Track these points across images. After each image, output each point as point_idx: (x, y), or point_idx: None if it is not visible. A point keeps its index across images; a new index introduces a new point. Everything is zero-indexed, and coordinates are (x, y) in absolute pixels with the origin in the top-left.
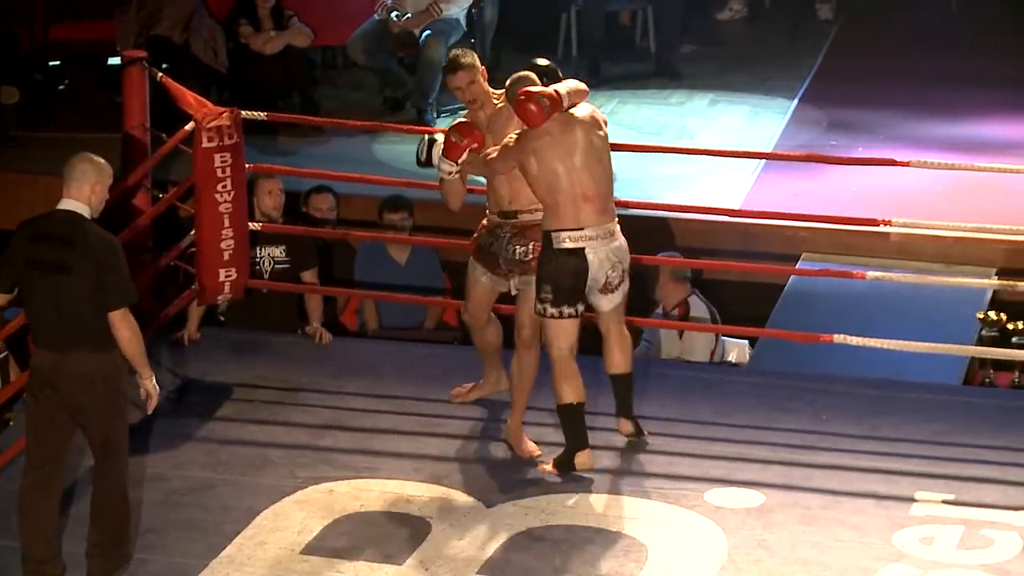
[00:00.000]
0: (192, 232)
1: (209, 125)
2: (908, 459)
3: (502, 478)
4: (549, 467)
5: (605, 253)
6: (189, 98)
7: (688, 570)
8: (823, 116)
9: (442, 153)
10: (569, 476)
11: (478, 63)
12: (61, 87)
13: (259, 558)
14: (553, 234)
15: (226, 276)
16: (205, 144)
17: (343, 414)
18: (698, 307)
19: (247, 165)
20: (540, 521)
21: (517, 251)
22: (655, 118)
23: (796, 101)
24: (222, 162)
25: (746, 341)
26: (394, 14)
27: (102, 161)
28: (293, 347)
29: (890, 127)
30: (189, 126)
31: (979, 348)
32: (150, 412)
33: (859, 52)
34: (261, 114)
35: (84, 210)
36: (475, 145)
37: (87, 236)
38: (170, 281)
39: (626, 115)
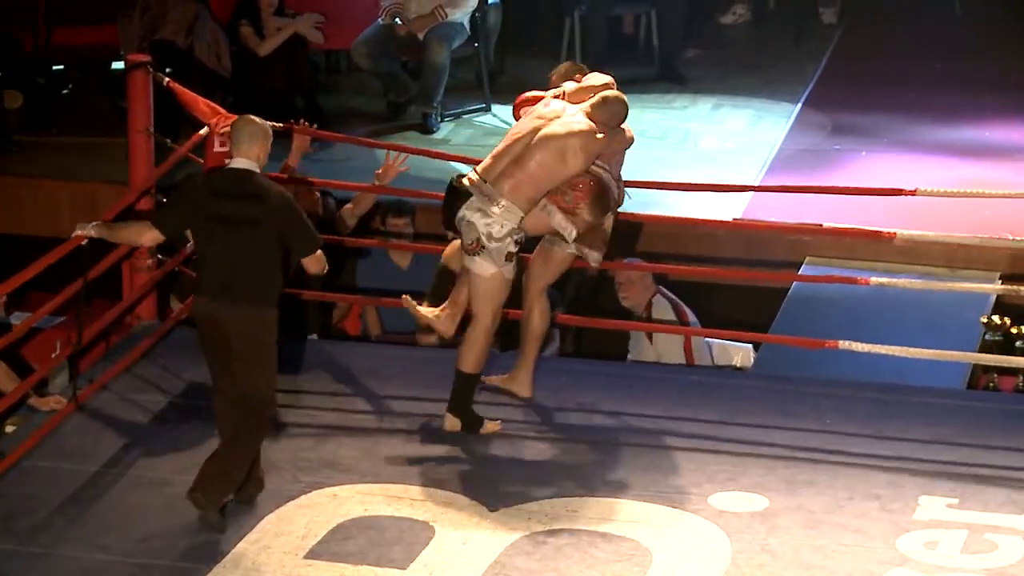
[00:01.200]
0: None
1: (222, 130)
2: (912, 463)
3: (506, 482)
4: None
5: (475, 209)
6: (201, 104)
7: (692, 574)
8: (827, 120)
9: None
10: (575, 480)
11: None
12: (64, 91)
13: (263, 562)
14: (470, 172)
15: None
16: (217, 148)
17: (346, 418)
18: (661, 305)
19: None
20: (543, 525)
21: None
22: (658, 122)
23: (800, 105)
24: None
25: (750, 345)
26: (397, 19)
27: (264, 123)
28: (296, 352)
29: (894, 131)
30: (203, 131)
31: (983, 356)
32: None
33: (863, 56)
34: (277, 125)
35: (256, 168)
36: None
37: (270, 193)
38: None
39: (630, 119)
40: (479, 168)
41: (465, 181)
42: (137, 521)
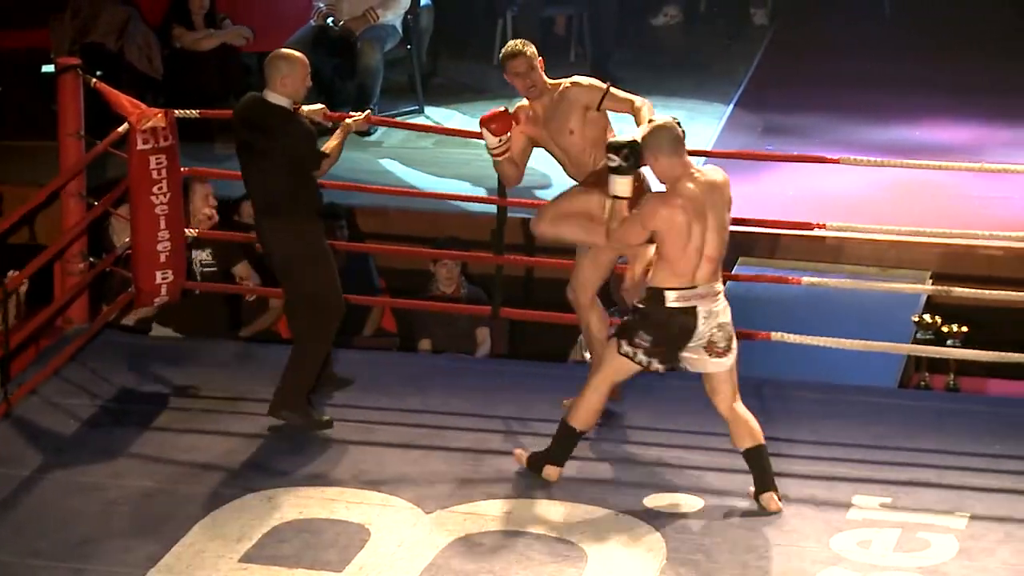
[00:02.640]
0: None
1: (144, 127)
2: (845, 463)
3: (441, 484)
4: (523, 456)
5: (711, 312)
6: (124, 101)
7: (627, 575)
8: (758, 121)
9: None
10: (510, 482)
11: (535, 51)
12: None
13: (198, 566)
14: (666, 292)
15: (163, 278)
16: (140, 146)
17: (281, 422)
18: None
19: (182, 169)
20: (479, 527)
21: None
22: None
23: (731, 106)
24: (157, 164)
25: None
26: (330, 20)
27: (292, 55)
28: (230, 355)
29: (825, 131)
30: (123, 128)
31: (913, 347)
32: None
33: (794, 57)
34: (194, 112)
35: (278, 99)
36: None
37: (272, 119)
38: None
39: None
40: (668, 283)
41: (701, 314)
42: (70, 526)
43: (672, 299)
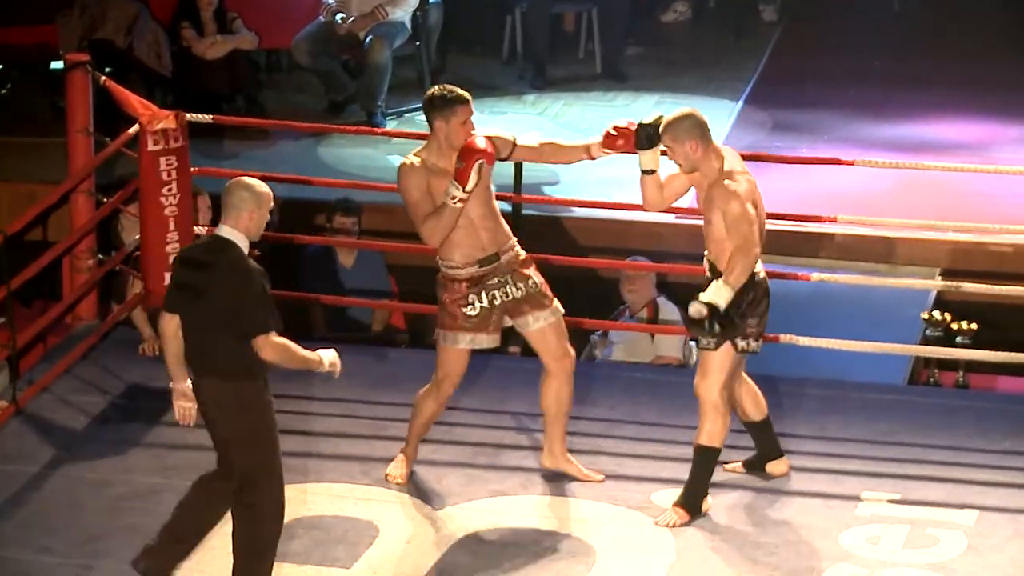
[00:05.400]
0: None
1: (155, 128)
2: (854, 459)
3: (450, 481)
4: (673, 519)
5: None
6: (133, 101)
7: (636, 572)
8: (768, 117)
9: (454, 179)
10: (519, 478)
11: None
12: (3, 91)
13: (207, 563)
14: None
15: None
16: (150, 147)
17: (290, 417)
18: (668, 308)
19: (192, 168)
20: (488, 524)
21: (528, 285)
22: (601, 120)
23: (741, 103)
24: (167, 165)
25: (693, 343)
26: (339, 16)
27: (262, 189)
28: None
29: (834, 128)
30: (133, 129)
31: (922, 348)
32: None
33: (803, 53)
34: (207, 117)
35: (236, 236)
36: (484, 162)
37: (227, 261)
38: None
39: (572, 117)
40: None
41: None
42: (80, 522)
43: (757, 274)
